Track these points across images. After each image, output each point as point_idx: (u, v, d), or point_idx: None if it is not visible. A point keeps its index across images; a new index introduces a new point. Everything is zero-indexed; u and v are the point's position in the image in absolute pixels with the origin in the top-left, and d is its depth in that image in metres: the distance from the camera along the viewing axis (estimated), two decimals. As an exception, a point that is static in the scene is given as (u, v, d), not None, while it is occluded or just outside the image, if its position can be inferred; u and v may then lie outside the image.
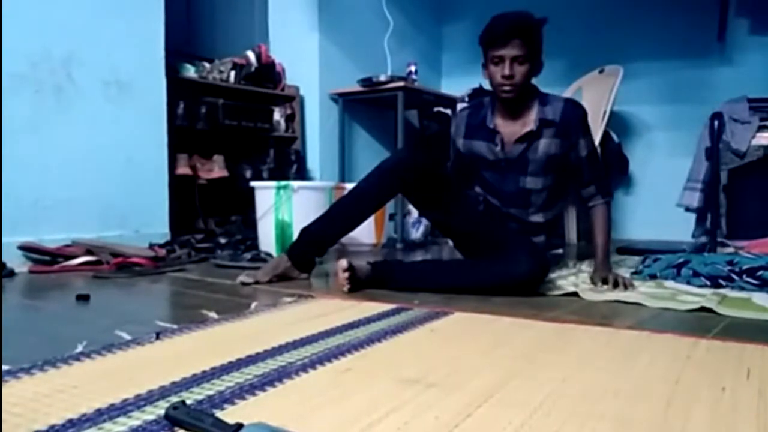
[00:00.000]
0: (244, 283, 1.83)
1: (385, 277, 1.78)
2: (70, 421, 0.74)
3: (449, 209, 1.90)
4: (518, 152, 1.85)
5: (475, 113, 1.94)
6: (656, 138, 3.61)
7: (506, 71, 1.72)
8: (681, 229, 3.17)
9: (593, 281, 1.83)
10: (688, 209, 3.02)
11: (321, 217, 1.90)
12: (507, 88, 1.75)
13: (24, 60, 2.16)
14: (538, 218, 1.92)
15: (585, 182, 1.89)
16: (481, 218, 1.93)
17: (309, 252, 1.90)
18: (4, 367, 0.94)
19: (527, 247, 1.77)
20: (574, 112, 1.85)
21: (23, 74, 2.16)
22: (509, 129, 1.85)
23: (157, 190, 2.58)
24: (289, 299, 1.59)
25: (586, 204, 1.93)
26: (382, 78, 3.31)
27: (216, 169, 2.91)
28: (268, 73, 3.19)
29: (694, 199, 2.98)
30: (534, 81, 1.83)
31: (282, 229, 2.49)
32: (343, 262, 1.71)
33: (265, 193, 2.55)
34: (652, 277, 1.93)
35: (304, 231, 1.89)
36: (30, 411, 0.78)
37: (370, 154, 3.74)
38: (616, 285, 1.75)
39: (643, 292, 1.71)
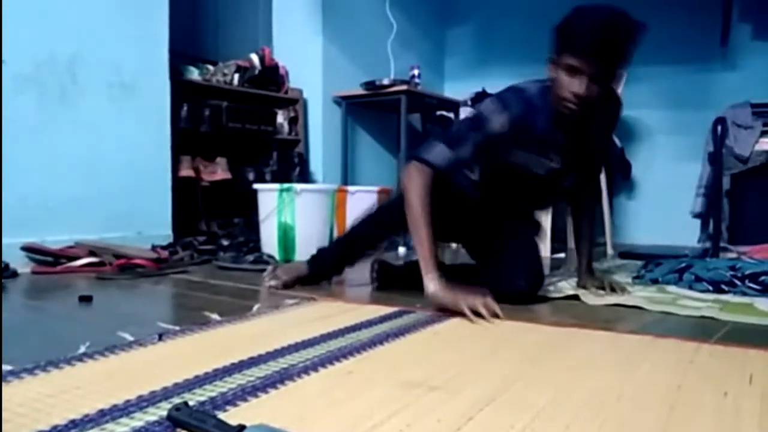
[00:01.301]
0: (275, 288, 1.80)
1: (413, 275, 1.79)
2: (73, 421, 0.74)
3: (454, 222, 1.76)
4: (573, 156, 1.66)
5: (529, 117, 1.56)
6: (659, 142, 3.62)
7: (581, 90, 1.43)
8: (683, 234, 3.16)
9: (584, 287, 1.79)
10: (696, 215, 3.03)
11: (340, 240, 1.95)
12: (573, 106, 1.47)
13: (28, 61, 2.17)
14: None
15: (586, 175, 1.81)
16: (484, 222, 1.82)
17: (328, 269, 1.89)
18: (8, 368, 0.95)
19: (526, 258, 1.67)
20: (618, 97, 1.72)
21: (27, 75, 2.16)
22: (568, 137, 1.61)
23: (160, 192, 2.58)
24: (291, 301, 1.59)
25: (576, 198, 1.83)
26: (386, 81, 3.32)
27: (219, 172, 2.91)
28: (272, 75, 3.20)
29: (698, 204, 2.99)
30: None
31: (284, 231, 2.49)
32: (374, 262, 1.87)
33: (268, 195, 2.56)
34: (654, 281, 1.93)
35: (323, 251, 1.89)
36: (33, 411, 0.78)
37: (372, 157, 3.75)
38: (612, 290, 1.74)
39: (643, 296, 1.70)
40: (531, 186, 1.70)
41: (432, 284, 1.44)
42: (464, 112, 3.49)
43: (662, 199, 3.53)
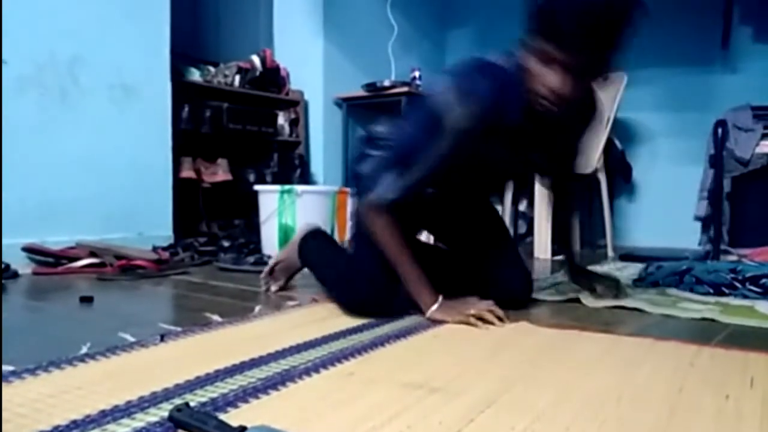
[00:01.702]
0: (277, 291, 1.76)
1: None
2: (74, 422, 0.74)
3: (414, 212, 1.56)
4: (543, 152, 1.50)
5: (500, 107, 1.26)
6: (660, 145, 3.62)
7: (558, 85, 1.17)
8: (684, 236, 3.16)
9: (580, 285, 1.71)
10: (699, 218, 3.03)
11: (320, 267, 1.70)
12: (548, 104, 1.21)
13: (29, 62, 2.17)
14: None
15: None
16: (448, 211, 1.67)
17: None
18: (9, 368, 0.95)
19: (516, 262, 1.61)
20: (594, 100, 1.49)
21: (29, 76, 2.17)
22: (539, 132, 1.36)
23: (161, 193, 2.58)
24: (292, 303, 1.59)
25: (563, 191, 1.74)
26: (386, 83, 3.33)
27: (220, 173, 2.92)
28: (273, 77, 3.20)
29: (701, 207, 2.99)
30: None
31: (285, 233, 2.50)
32: None
33: (269, 197, 2.56)
34: (655, 284, 1.93)
35: (313, 259, 1.71)
36: (34, 411, 0.78)
37: (373, 159, 3.74)
38: (615, 295, 1.66)
39: (644, 298, 1.70)
40: (496, 173, 1.56)
41: (432, 313, 1.35)
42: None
43: (663, 202, 3.53)
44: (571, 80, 1.17)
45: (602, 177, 3.14)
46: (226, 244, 2.63)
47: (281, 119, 3.30)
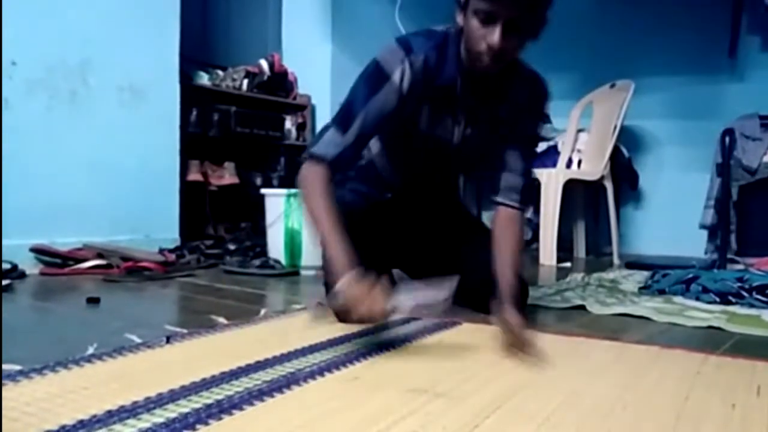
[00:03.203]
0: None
1: None
2: (81, 422, 0.75)
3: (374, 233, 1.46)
4: (484, 125, 1.45)
5: (434, 65, 1.35)
6: (666, 153, 3.61)
7: (495, 40, 1.18)
8: (691, 244, 3.15)
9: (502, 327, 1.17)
10: (704, 227, 3.02)
11: None
12: (486, 59, 1.23)
13: (40, 65, 2.19)
14: None
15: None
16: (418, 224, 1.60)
17: None
18: (17, 368, 0.95)
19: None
20: (543, 84, 1.47)
21: (39, 79, 2.18)
22: (477, 98, 1.39)
23: (168, 196, 2.59)
24: (298, 306, 1.59)
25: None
26: (394, 88, 3.33)
27: (227, 176, 2.93)
28: (281, 81, 3.22)
29: (708, 216, 2.98)
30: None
31: (291, 236, 2.50)
32: None
33: (275, 200, 2.56)
34: (661, 292, 1.93)
35: None
36: (41, 411, 0.78)
37: (379, 164, 3.75)
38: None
39: (650, 306, 1.70)
40: (442, 159, 1.47)
41: (340, 286, 1.10)
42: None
43: (669, 210, 3.52)
44: (506, 35, 1.17)
45: (609, 184, 3.13)
46: (232, 247, 2.64)
47: (288, 123, 3.31)
